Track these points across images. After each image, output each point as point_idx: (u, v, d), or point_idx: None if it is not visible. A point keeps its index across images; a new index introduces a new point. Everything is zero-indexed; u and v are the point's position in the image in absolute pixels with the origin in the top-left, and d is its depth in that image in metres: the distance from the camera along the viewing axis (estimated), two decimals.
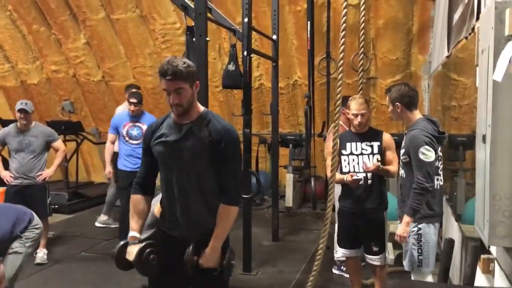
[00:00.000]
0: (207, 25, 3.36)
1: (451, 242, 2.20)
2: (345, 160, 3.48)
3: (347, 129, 4.57)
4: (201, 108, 2.31)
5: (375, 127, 4.90)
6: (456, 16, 3.76)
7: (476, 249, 2.30)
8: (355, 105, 3.44)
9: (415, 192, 2.87)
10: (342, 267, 4.43)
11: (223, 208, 2.23)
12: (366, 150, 3.44)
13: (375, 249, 3.46)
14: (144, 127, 4.98)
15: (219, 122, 2.27)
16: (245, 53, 4.22)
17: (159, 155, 2.30)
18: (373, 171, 3.36)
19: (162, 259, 2.24)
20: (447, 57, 4.18)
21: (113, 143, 5.13)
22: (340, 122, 4.55)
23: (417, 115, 3.14)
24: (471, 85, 5.65)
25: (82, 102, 8.62)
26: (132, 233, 2.28)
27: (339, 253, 3.65)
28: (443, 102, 6.49)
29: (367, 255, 3.54)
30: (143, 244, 2.20)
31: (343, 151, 3.48)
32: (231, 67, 4.15)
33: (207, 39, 3.33)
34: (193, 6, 3.35)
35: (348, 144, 3.48)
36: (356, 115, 3.42)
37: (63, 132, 7.20)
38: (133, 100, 5.00)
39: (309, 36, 3.97)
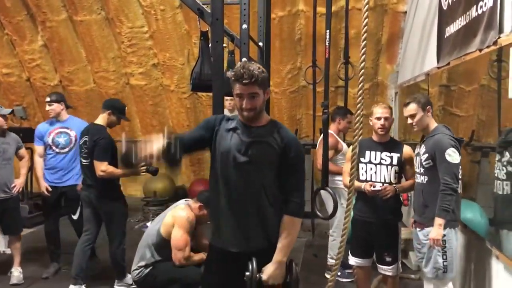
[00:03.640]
0: (223, 30, 3.25)
1: None
2: (362, 168, 3.46)
3: (337, 138, 4.61)
4: (268, 116, 2.26)
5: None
6: (452, 29, 3.90)
7: None
8: (379, 108, 3.44)
9: (445, 194, 2.91)
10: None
11: (288, 219, 2.15)
12: (385, 160, 3.42)
13: (388, 259, 3.43)
14: (73, 133, 4.56)
15: (289, 130, 2.24)
16: (243, 59, 4.12)
17: (223, 154, 2.16)
18: (392, 196, 3.37)
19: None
20: (438, 67, 4.32)
21: (42, 156, 4.59)
22: (331, 132, 4.60)
23: (434, 121, 3.25)
24: (435, 94, 5.92)
25: (35, 108, 8.11)
26: None
27: (351, 261, 3.62)
28: None
29: (379, 265, 3.51)
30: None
31: (362, 159, 3.45)
32: (230, 74, 4.04)
33: (224, 45, 3.23)
34: (209, 11, 3.23)
35: (367, 152, 3.45)
36: (379, 118, 3.40)
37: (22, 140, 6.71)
38: (47, 99, 4.57)
39: (327, 45, 3.93)
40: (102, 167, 3.84)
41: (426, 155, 3.12)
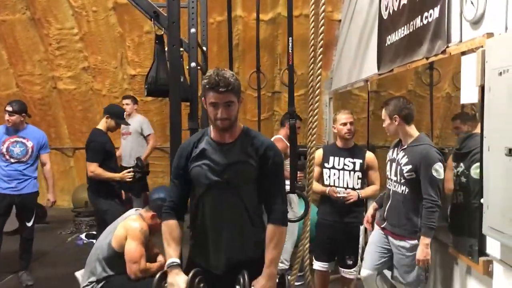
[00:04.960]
0: (180, 34, 3.17)
1: None
2: (326, 173, 3.54)
3: (287, 143, 4.65)
4: (240, 124, 2.18)
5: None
6: (394, 37, 4.08)
7: None
8: (343, 115, 3.55)
9: (430, 211, 2.81)
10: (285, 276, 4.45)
11: (275, 229, 2.09)
12: (348, 166, 3.52)
13: (349, 262, 3.54)
14: (29, 143, 4.46)
15: (263, 137, 2.18)
16: (193, 64, 4.04)
17: (200, 178, 2.09)
18: (354, 200, 3.44)
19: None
20: (380, 74, 4.50)
21: None
22: (280, 136, 4.65)
23: (415, 129, 3.10)
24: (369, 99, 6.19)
25: None
26: (172, 259, 2.03)
27: (316, 265, 3.65)
28: None
29: (341, 268, 3.61)
30: (192, 272, 1.97)
31: (326, 164, 3.54)
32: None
33: (181, 49, 3.14)
34: (165, 14, 3.13)
35: (331, 158, 3.54)
36: (345, 124, 3.50)
37: None
38: (8, 108, 4.38)
39: (290, 51, 3.94)
40: (91, 168, 4.18)
41: (410, 166, 2.98)
